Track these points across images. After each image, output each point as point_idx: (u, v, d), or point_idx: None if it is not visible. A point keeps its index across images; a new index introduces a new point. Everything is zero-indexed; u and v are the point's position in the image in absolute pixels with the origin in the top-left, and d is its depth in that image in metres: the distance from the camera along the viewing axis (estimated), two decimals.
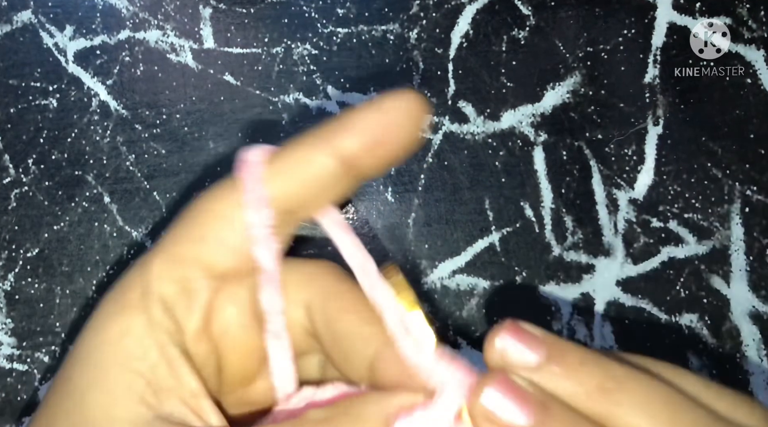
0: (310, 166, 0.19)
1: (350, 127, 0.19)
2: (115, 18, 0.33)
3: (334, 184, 0.20)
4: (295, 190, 0.20)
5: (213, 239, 0.19)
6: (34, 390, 0.30)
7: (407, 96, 0.19)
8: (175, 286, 0.19)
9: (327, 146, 0.19)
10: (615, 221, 0.32)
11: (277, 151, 0.20)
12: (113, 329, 0.19)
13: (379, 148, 0.19)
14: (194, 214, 0.20)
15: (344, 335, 0.20)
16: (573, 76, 0.33)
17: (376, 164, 0.20)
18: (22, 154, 0.32)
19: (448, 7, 0.33)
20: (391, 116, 0.19)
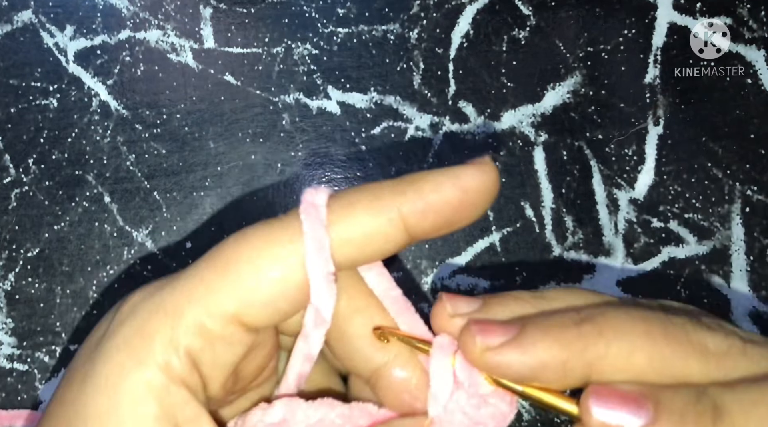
0: (372, 231, 0.18)
1: (421, 196, 0.18)
2: (116, 18, 0.33)
3: (388, 248, 0.19)
4: (351, 252, 0.18)
5: (261, 301, 0.18)
6: (34, 390, 0.30)
7: (486, 169, 0.18)
8: (205, 342, 0.18)
9: (393, 210, 0.18)
10: (615, 221, 0.32)
11: (336, 201, 0.18)
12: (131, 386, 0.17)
13: (448, 219, 0.18)
14: (239, 262, 0.18)
15: (353, 334, 0.20)
16: (573, 76, 0.33)
17: (435, 234, 0.19)
18: (22, 154, 0.32)
19: (448, 7, 0.33)
20: (467, 194, 0.18)
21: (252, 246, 0.18)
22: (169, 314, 0.17)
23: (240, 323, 0.18)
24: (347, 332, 0.20)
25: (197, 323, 0.17)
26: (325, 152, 0.32)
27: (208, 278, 0.18)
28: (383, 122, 0.32)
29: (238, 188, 0.32)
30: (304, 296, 0.18)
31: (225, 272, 0.18)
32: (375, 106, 0.32)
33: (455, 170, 0.18)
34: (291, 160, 0.32)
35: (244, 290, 0.18)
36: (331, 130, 0.32)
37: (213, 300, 0.17)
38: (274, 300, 0.18)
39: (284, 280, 0.18)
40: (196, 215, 0.31)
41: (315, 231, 0.18)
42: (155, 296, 0.18)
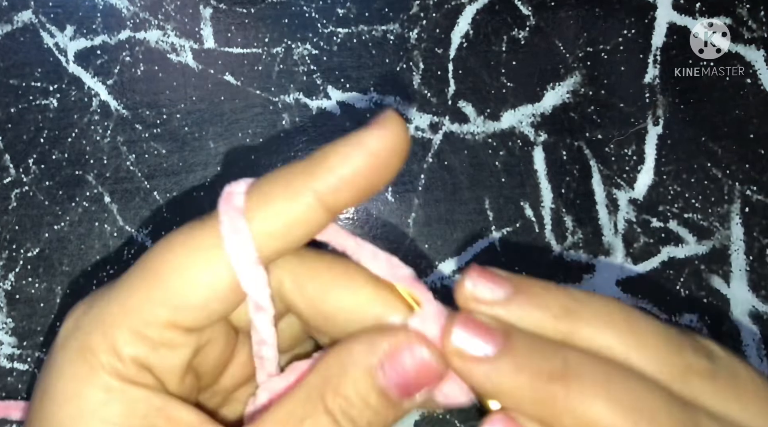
0: (290, 214, 0.18)
1: (331, 170, 0.18)
2: (116, 18, 0.33)
3: (311, 226, 0.19)
4: (275, 240, 0.18)
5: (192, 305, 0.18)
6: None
7: (392, 124, 0.18)
8: (147, 348, 0.18)
9: (307, 190, 0.18)
10: (615, 221, 0.32)
11: (252, 194, 0.18)
12: (90, 393, 0.17)
13: (360, 190, 0.18)
14: (165, 269, 0.18)
15: (335, 309, 0.20)
16: (573, 76, 0.33)
17: (354, 203, 0.19)
18: (22, 154, 0.32)
19: (448, 7, 0.33)
20: (376, 157, 0.18)
21: (177, 253, 0.18)
22: (108, 325, 0.18)
23: (177, 328, 0.18)
24: (327, 311, 0.20)
25: (135, 332, 0.18)
26: None
27: (139, 287, 0.18)
28: None
29: None
30: (236, 293, 0.18)
31: (154, 281, 0.18)
32: (375, 106, 0.32)
33: (360, 136, 0.18)
34: (291, 160, 0.32)
35: (175, 298, 0.18)
36: (331, 130, 0.32)
37: (146, 310, 0.18)
38: (206, 303, 0.18)
39: (212, 283, 0.18)
40: (196, 215, 0.31)
41: (235, 230, 0.18)
42: (94, 309, 0.19)
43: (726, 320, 0.31)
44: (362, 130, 0.18)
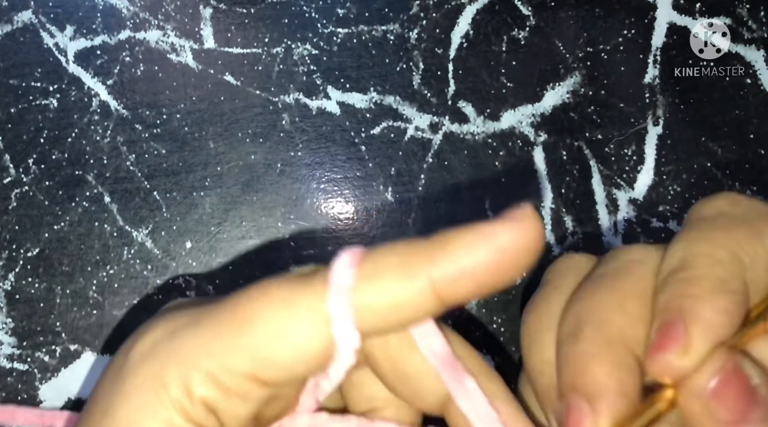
0: (401, 300, 0.17)
1: (453, 254, 0.16)
2: (116, 18, 0.33)
3: (418, 316, 0.17)
4: (378, 323, 0.17)
5: (278, 364, 0.17)
6: (34, 390, 0.30)
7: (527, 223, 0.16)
8: (219, 392, 0.17)
9: (424, 277, 0.16)
10: (615, 221, 0.32)
11: (365, 267, 0.17)
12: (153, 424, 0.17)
13: (480, 281, 0.16)
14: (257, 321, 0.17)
15: (414, 375, 0.19)
16: (573, 76, 0.33)
17: (472, 296, 0.17)
18: (22, 154, 0.32)
19: (448, 7, 0.33)
20: (503, 251, 0.16)
21: (273, 305, 0.17)
22: (184, 363, 0.17)
23: (255, 380, 0.18)
24: (405, 371, 0.19)
25: (212, 376, 0.17)
26: (325, 152, 0.32)
27: (225, 332, 0.17)
28: (383, 122, 0.32)
29: (238, 188, 0.32)
30: (324, 358, 0.18)
31: (242, 329, 0.17)
32: (375, 106, 0.32)
33: (491, 229, 0.16)
34: (291, 160, 0.32)
35: (262, 351, 0.17)
36: (331, 130, 0.32)
37: (228, 358, 0.17)
38: (292, 363, 0.17)
39: (303, 346, 0.17)
40: (196, 215, 0.32)
41: (341, 297, 0.17)
42: (175, 338, 0.18)
43: None
44: (494, 222, 0.16)
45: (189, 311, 0.19)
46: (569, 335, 0.18)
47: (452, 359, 0.18)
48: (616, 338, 0.17)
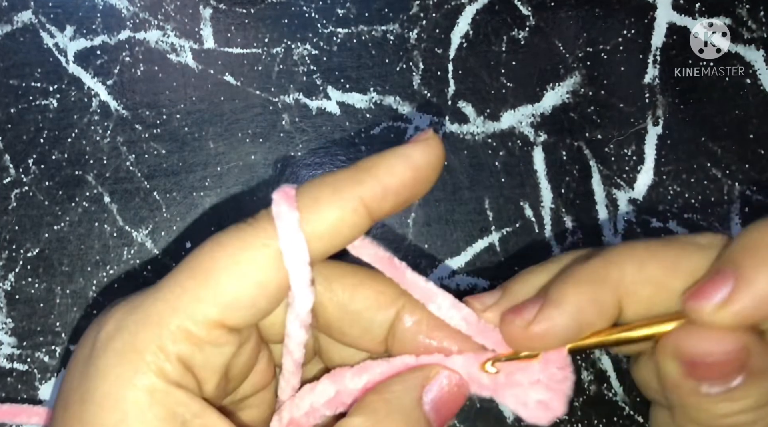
0: (338, 219, 0.19)
1: (377, 179, 0.19)
2: (116, 18, 0.33)
3: (354, 230, 0.20)
4: (322, 242, 0.19)
5: (241, 303, 0.18)
6: (34, 390, 0.30)
7: (431, 143, 0.20)
8: (193, 346, 0.18)
9: (354, 197, 0.19)
10: (615, 221, 0.32)
11: (302, 197, 0.19)
12: (133, 396, 0.18)
13: (402, 198, 0.20)
14: (216, 267, 0.19)
15: (361, 311, 0.21)
16: (573, 76, 0.33)
17: (394, 211, 0.20)
18: (22, 154, 0.32)
19: (448, 7, 0.34)
20: (417, 169, 0.19)
21: (229, 252, 0.19)
22: (156, 324, 0.18)
23: (224, 326, 0.18)
24: (353, 310, 0.21)
25: (183, 330, 0.18)
26: (325, 152, 0.32)
27: (189, 286, 0.18)
28: (383, 122, 0.32)
29: (238, 188, 0.32)
30: (283, 292, 0.19)
31: (205, 279, 0.18)
32: (374, 107, 0.32)
33: (405, 150, 0.19)
34: (291, 160, 0.32)
35: (226, 296, 0.18)
36: (331, 131, 0.32)
37: (197, 308, 0.18)
38: (255, 301, 0.19)
39: (263, 281, 0.19)
40: (196, 215, 0.32)
41: (290, 230, 0.19)
42: (139, 309, 0.19)
43: None
44: (406, 145, 0.20)
45: (140, 292, 0.20)
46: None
47: (394, 262, 0.21)
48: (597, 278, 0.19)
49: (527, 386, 0.20)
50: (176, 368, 0.18)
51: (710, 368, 0.18)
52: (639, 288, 0.19)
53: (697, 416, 0.18)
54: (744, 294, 0.17)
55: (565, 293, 0.19)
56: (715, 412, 0.18)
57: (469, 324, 0.20)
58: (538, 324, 0.19)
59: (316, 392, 0.21)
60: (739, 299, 0.17)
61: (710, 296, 0.17)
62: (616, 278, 0.19)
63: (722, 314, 0.17)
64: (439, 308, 0.20)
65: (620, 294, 0.19)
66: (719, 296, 0.17)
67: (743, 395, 0.18)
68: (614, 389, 0.30)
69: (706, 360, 0.18)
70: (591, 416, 0.30)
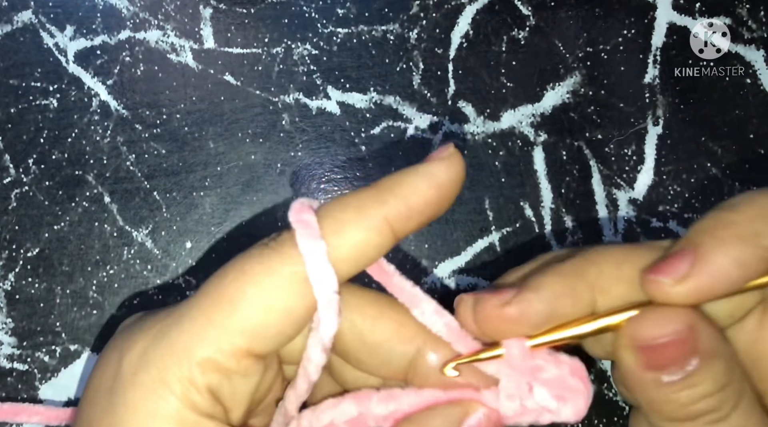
0: (364, 242, 0.19)
1: (402, 199, 0.19)
2: (116, 18, 0.33)
3: (379, 252, 0.19)
4: (348, 266, 0.19)
5: (271, 334, 0.18)
6: (34, 390, 0.30)
7: (453, 160, 0.20)
8: (222, 377, 0.18)
9: (379, 218, 0.19)
10: (614, 221, 0.32)
11: (325, 219, 0.19)
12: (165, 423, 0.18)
13: (425, 216, 0.20)
14: (242, 296, 0.18)
15: (380, 342, 0.20)
16: (573, 76, 0.33)
17: (418, 227, 0.20)
18: (22, 154, 0.32)
19: (448, 7, 0.33)
20: (442, 188, 0.19)
21: (254, 280, 0.18)
22: (183, 356, 0.18)
23: (252, 355, 0.18)
24: (373, 342, 0.20)
25: (211, 361, 0.18)
26: (325, 152, 0.32)
27: (214, 316, 0.18)
28: (383, 122, 0.32)
29: (238, 188, 0.32)
30: (309, 317, 0.19)
31: (231, 308, 0.18)
32: (375, 106, 0.32)
33: (428, 168, 0.19)
34: (291, 160, 0.32)
35: (254, 325, 0.18)
36: (331, 130, 0.32)
37: (224, 338, 0.18)
38: (282, 329, 0.18)
39: (291, 309, 0.18)
40: (196, 215, 0.32)
41: (316, 259, 0.18)
42: (164, 340, 0.18)
43: None
44: (429, 163, 0.20)
45: (160, 316, 0.19)
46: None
47: (383, 265, 0.21)
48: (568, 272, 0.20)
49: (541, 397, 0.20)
50: (205, 400, 0.18)
51: (663, 353, 0.18)
52: (614, 285, 0.19)
53: (665, 410, 0.18)
54: (702, 270, 0.17)
55: (543, 281, 0.19)
56: (678, 401, 0.18)
57: (451, 330, 0.20)
58: (514, 305, 0.19)
59: (339, 409, 0.20)
60: (696, 274, 0.17)
61: (669, 272, 0.18)
62: (594, 274, 0.19)
63: (679, 289, 0.18)
64: (422, 314, 0.20)
65: (596, 290, 0.19)
66: (678, 272, 0.18)
67: (701, 379, 0.18)
68: (614, 389, 0.30)
69: (658, 343, 0.18)
70: (591, 416, 0.30)
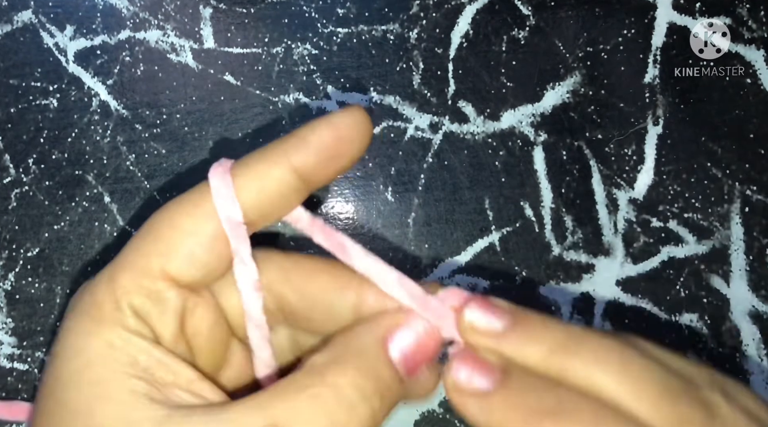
0: (269, 180, 0.20)
1: (305, 143, 0.20)
2: (116, 18, 0.33)
3: (290, 195, 0.21)
4: (259, 203, 0.21)
5: (181, 253, 0.20)
6: (34, 390, 0.30)
7: (356, 112, 0.21)
8: (145, 298, 0.20)
9: (284, 161, 0.20)
10: (615, 221, 0.32)
11: (237, 165, 0.21)
12: (96, 344, 0.19)
13: (331, 162, 0.21)
14: (160, 227, 0.20)
15: (320, 295, 0.22)
16: (573, 76, 0.33)
17: (327, 176, 0.21)
18: (22, 154, 0.32)
19: (448, 7, 0.33)
20: (342, 132, 0.21)
21: (169, 210, 0.21)
22: (110, 280, 0.20)
23: (171, 279, 0.20)
24: (313, 297, 0.22)
25: (134, 282, 0.19)
26: None
27: (135, 244, 0.20)
28: (383, 122, 0.32)
29: None
30: (221, 246, 0.20)
31: (147, 235, 0.20)
32: (375, 106, 0.32)
33: (328, 116, 0.21)
34: None
35: (165, 246, 0.20)
36: None
37: (141, 260, 0.20)
38: (192, 251, 0.20)
39: (198, 231, 0.20)
40: None
41: (221, 187, 0.20)
42: (97, 276, 0.21)
43: (726, 319, 0.31)
44: (333, 113, 0.21)
45: None
46: None
47: (345, 243, 0.21)
48: None
49: None
50: (132, 320, 0.19)
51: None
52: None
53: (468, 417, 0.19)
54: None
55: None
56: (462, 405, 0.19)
57: (414, 298, 0.21)
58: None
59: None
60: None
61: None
62: None
63: None
64: (384, 283, 0.21)
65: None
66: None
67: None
68: None
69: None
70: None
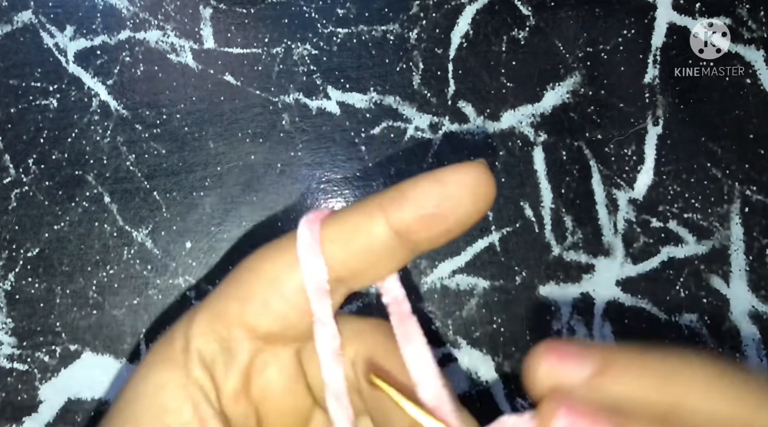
0: (365, 236, 0.18)
1: (404, 197, 0.18)
2: (116, 18, 0.33)
3: (388, 255, 0.19)
4: (349, 259, 0.19)
5: (258, 300, 0.19)
6: (34, 390, 0.30)
7: (472, 169, 0.18)
8: (215, 344, 0.19)
9: (378, 214, 0.18)
10: (615, 221, 0.32)
11: (332, 216, 0.19)
12: (152, 381, 0.19)
13: (435, 222, 0.18)
14: (243, 273, 0.19)
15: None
16: (573, 76, 0.33)
17: (431, 238, 0.18)
18: (22, 154, 0.32)
19: (448, 7, 0.33)
20: (450, 190, 0.18)
21: (257, 256, 0.20)
22: (189, 320, 0.19)
23: (247, 327, 0.19)
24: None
25: (209, 326, 0.19)
26: (325, 152, 0.32)
27: (221, 287, 0.20)
28: (383, 122, 0.32)
29: (238, 188, 0.32)
30: (303, 300, 0.19)
31: (232, 279, 0.20)
32: (375, 107, 0.32)
33: (439, 172, 0.18)
34: (291, 160, 0.32)
35: (244, 291, 0.19)
36: (331, 131, 0.32)
37: (219, 304, 0.19)
38: (269, 299, 0.19)
39: (278, 279, 0.19)
40: (196, 215, 0.32)
41: (306, 237, 0.19)
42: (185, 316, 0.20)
43: (726, 320, 0.31)
44: (446, 169, 0.18)
45: None
46: None
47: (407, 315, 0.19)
48: None
49: None
50: (197, 366, 0.19)
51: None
52: None
53: None
54: None
55: None
56: None
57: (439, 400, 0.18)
58: None
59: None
60: None
61: None
62: None
63: None
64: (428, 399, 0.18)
65: None
66: None
67: None
68: None
69: None
70: None
